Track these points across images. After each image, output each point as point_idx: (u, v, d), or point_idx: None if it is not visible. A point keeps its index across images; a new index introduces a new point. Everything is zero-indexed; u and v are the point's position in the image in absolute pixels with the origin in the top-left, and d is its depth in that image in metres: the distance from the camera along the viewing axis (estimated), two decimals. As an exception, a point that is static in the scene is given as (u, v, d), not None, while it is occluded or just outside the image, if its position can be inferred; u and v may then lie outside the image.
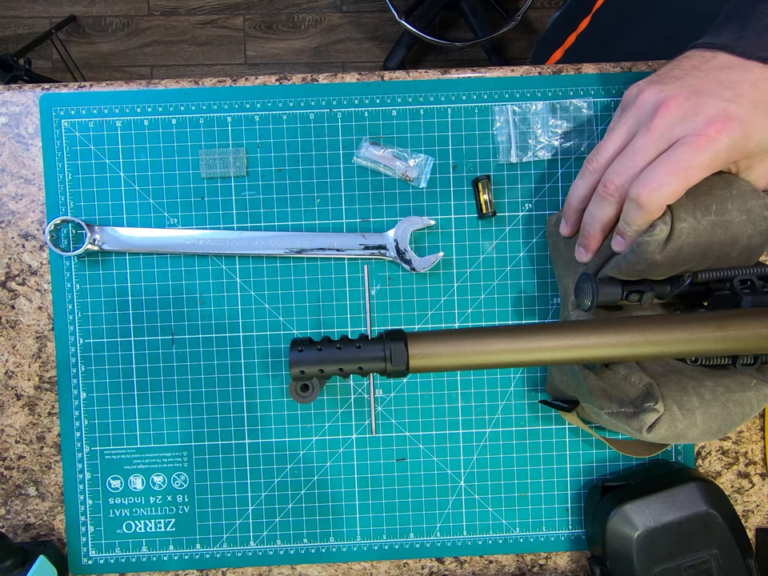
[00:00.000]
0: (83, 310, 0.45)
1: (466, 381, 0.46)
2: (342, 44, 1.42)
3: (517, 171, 0.46)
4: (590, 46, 0.62)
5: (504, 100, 0.45)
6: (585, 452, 0.47)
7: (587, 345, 0.30)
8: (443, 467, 0.46)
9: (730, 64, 0.32)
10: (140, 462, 0.46)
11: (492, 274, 0.46)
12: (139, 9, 1.40)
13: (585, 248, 0.39)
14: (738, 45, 0.32)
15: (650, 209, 0.32)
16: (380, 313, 0.46)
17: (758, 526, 0.48)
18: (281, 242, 0.45)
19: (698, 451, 0.47)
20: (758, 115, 0.30)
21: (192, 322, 0.46)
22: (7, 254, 0.46)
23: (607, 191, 0.34)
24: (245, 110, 0.45)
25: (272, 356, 0.46)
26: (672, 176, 0.31)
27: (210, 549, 0.46)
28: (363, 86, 0.45)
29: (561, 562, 0.48)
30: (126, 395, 0.46)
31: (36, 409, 0.46)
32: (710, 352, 0.30)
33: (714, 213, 0.33)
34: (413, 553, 0.47)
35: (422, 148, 0.46)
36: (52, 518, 0.46)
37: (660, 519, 0.41)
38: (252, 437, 0.46)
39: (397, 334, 0.31)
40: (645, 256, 0.34)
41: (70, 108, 0.45)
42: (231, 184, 0.45)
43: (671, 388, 0.35)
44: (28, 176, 0.45)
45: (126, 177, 0.45)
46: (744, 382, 0.36)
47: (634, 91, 0.34)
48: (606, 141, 0.36)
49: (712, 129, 0.30)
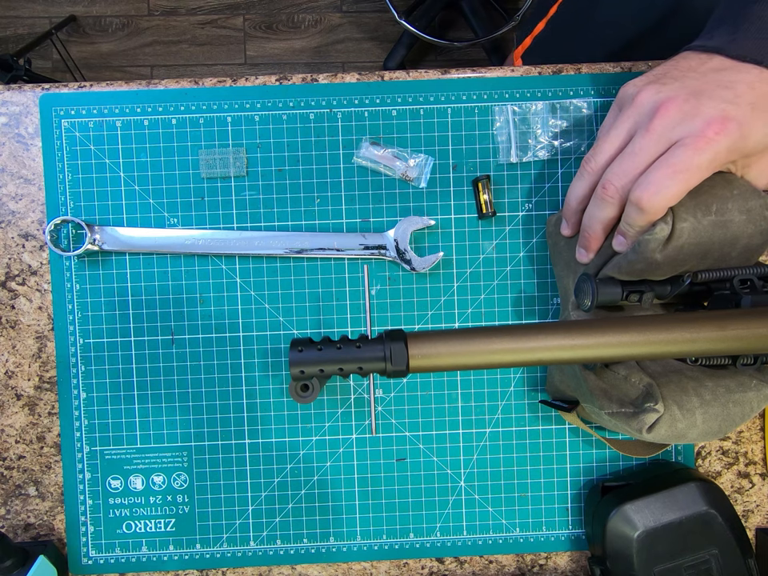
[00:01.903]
0: (83, 310, 0.45)
1: (466, 381, 0.46)
2: (342, 44, 1.42)
3: (517, 171, 0.46)
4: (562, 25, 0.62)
5: (504, 100, 0.45)
6: (585, 452, 0.47)
7: (587, 345, 0.30)
8: (443, 467, 0.46)
9: (725, 66, 0.32)
10: (140, 462, 0.46)
11: (492, 274, 0.46)
12: (139, 9, 1.40)
13: (585, 249, 0.39)
14: (731, 48, 0.32)
15: (652, 211, 0.32)
16: (380, 313, 0.46)
17: (758, 525, 0.48)
18: (281, 241, 0.45)
19: (698, 451, 0.47)
20: (755, 116, 0.31)
21: (192, 321, 0.46)
22: (7, 254, 0.46)
23: (607, 193, 0.34)
24: (245, 109, 0.45)
25: (272, 356, 0.46)
26: (672, 179, 0.31)
27: (210, 549, 0.46)
28: (363, 86, 0.45)
29: (561, 562, 0.48)
30: (126, 395, 0.46)
31: (36, 409, 0.46)
32: (710, 352, 0.30)
33: (715, 212, 0.33)
34: (413, 553, 0.47)
35: (422, 148, 0.46)
36: (52, 518, 0.46)
37: (660, 519, 0.41)
38: (252, 437, 0.46)
39: (397, 334, 0.31)
40: (645, 255, 0.34)
41: (69, 108, 0.45)
42: (231, 184, 0.45)
43: (671, 388, 0.35)
44: (28, 176, 0.45)
45: (125, 177, 0.45)
46: (744, 383, 0.36)
47: (630, 90, 0.34)
48: (604, 141, 0.35)
49: (711, 130, 0.30)
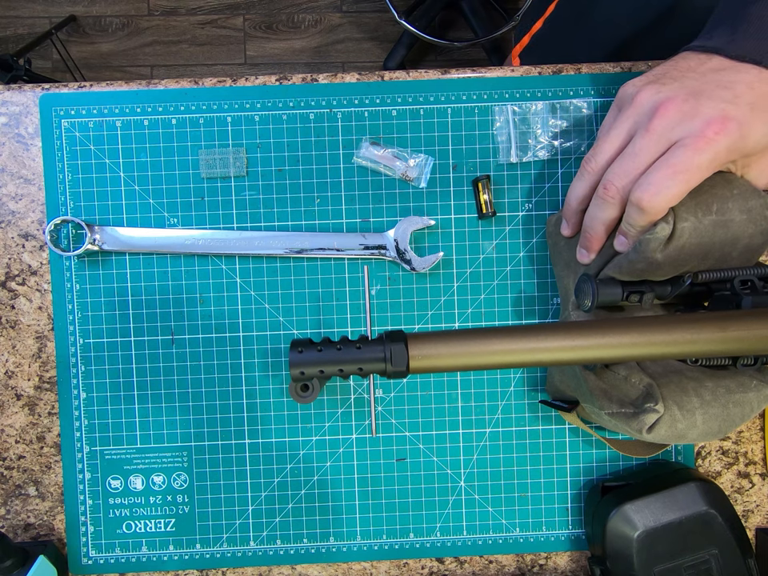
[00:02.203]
0: (83, 310, 0.45)
1: (466, 381, 0.46)
2: (342, 44, 1.42)
3: (517, 171, 0.46)
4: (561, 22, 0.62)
5: (504, 100, 0.45)
6: (585, 452, 0.47)
7: (587, 345, 0.30)
8: (443, 467, 0.46)
9: (724, 66, 0.32)
10: (140, 462, 0.46)
11: (492, 274, 0.46)
12: (139, 9, 1.40)
13: (587, 249, 0.39)
14: (730, 48, 0.32)
15: (653, 212, 0.32)
16: (380, 313, 0.46)
17: (758, 525, 0.48)
18: (281, 241, 0.45)
19: (698, 451, 0.47)
20: (755, 116, 0.31)
21: (192, 321, 0.46)
22: (7, 253, 0.46)
23: (608, 193, 0.34)
24: (245, 109, 0.45)
25: (272, 356, 0.46)
26: (672, 179, 0.31)
27: (210, 549, 0.46)
28: (363, 86, 0.45)
29: (561, 562, 0.48)
30: (126, 395, 0.46)
31: (36, 409, 0.46)
32: (711, 353, 0.30)
33: (716, 212, 0.33)
34: (413, 553, 0.47)
35: (422, 148, 0.46)
36: (52, 518, 0.46)
37: (660, 519, 0.41)
38: (252, 437, 0.46)
39: (397, 334, 0.31)
40: (646, 255, 0.34)
41: (69, 108, 0.45)
42: (231, 184, 0.45)
43: (671, 389, 0.35)
44: (28, 176, 0.45)
45: (126, 177, 0.45)
46: (744, 383, 0.36)
47: (630, 90, 0.34)
48: (604, 141, 0.35)
49: (710, 130, 0.30)
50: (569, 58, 0.46)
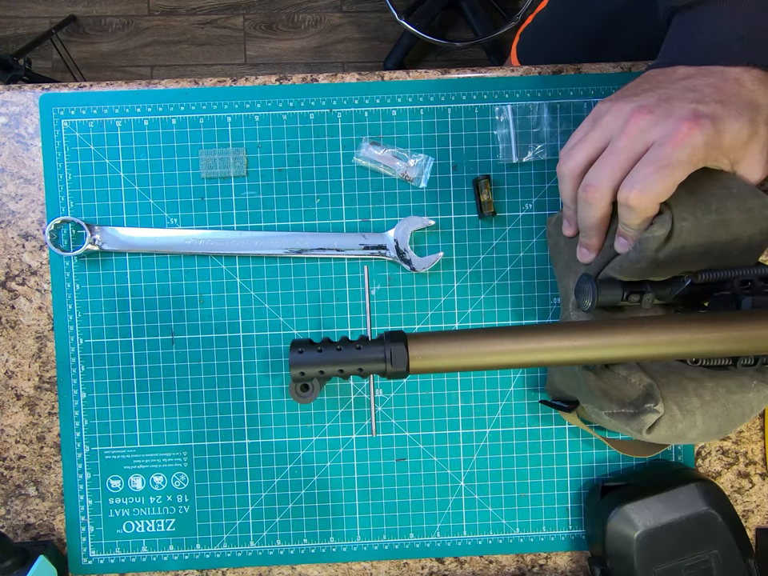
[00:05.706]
0: (83, 310, 0.45)
1: (466, 381, 0.46)
2: (342, 44, 1.42)
3: (517, 171, 0.46)
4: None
5: (504, 100, 0.45)
6: (585, 452, 0.47)
7: (588, 346, 0.30)
8: (443, 467, 0.46)
9: (690, 73, 0.34)
10: (140, 462, 0.46)
11: (492, 274, 0.46)
12: (139, 9, 1.40)
13: (587, 248, 0.40)
14: (686, 60, 0.34)
15: (641, 209, 0.33)
16: (380, 313, 0.46)
17: (758, 525, 0.48)
18: (281, 241, 0.45)
19: (698, 451, 0.47)
20: (726, 111, 0.32)
21: (192, 321, 0.46)
22: (7, 254, 0.46)
23: (588, 195, 0.35)
24: (245, 109, 0.45)
25: (272, 356, 0.46)
26: (656, 174, 0.31)
27: (210, 549, 0.46)
28: (363, 86, 0.45)
29: (561, 562, 0.48)
30: (126, 395, 0.46)
31: (36, 409, 0.46)
32: (711, 353, 0.30)
33: (715, 211, 0.33)
34: (413, 553, 0.47)
35: (421, 148, 0.46)
36: (52, 518, 0.46)
37: (660, 519, 0.41)
38: (252, 437, 0.46)
39: (397, 335, 0.31)
40: (646, 253, 0.34)
41: (69, 108, 0.45)
42: (231, 184, 0.45)
43: (671, 389, 0.35)
44: (28, 176, 0.45)
45: (126, 177, 0.45)
46: (744, 383, 0.36)
47: (606, 104, 0.36)
48: (582, 142, 0.36)
49: (684, 127, 0.31)
50: (554, 56, 0.46)
